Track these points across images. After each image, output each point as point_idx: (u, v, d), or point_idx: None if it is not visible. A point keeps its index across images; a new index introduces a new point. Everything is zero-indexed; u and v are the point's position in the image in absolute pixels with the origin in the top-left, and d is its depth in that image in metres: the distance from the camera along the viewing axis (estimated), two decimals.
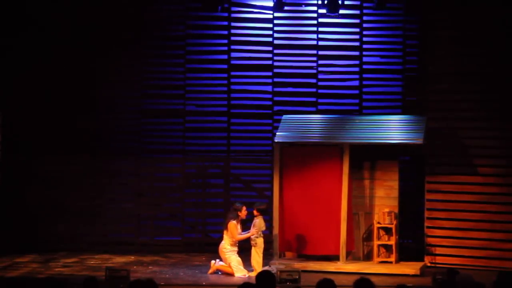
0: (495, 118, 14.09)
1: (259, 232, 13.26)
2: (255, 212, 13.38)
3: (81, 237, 15.88)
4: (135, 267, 13.88)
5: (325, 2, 15.36)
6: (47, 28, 15.87)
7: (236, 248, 13.46)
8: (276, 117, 15.77)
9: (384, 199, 14.06)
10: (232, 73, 16.22)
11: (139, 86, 16.22)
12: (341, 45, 16.00)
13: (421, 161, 14.57)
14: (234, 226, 13.37)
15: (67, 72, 15.90)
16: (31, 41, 15.86)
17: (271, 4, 15.80)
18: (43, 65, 15.86)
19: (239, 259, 13.39)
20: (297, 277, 11.12)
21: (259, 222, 13.30)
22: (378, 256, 13.87)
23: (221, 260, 13.51)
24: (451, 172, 14.22)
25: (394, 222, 13.79)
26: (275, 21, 16.12)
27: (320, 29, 16.02)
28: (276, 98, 16.16)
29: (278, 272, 11.08)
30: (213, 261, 13.56)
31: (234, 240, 13.42)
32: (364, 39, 15.94)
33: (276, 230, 13.85)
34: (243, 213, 13.48)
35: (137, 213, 16.13)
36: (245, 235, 13.35)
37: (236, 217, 13.43)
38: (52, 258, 14.80)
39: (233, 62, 16.21)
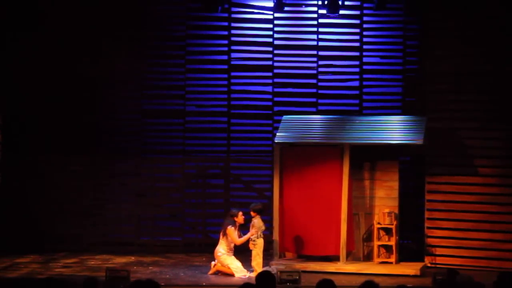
0: (495, 118, 14.08)
1: (259, 233, 13.25)
2: (252, 213, 13.37)
3: (81, 237, 15.88)
4: (135, 267, 13.88)
5: (325, 2, 15.37)
6: (47, 28, 15.87)
7: (231, 252, 13.45)
8: (276, 118, 15.77)
9: (384, 199, 14.06)
10: (232, 74, 16.22)
11: (139, 86, 16.22)
12: (341, 45, 16.00)
13: (421, 161, 14.57)
14: (232, 231, 13.37)
15: (67, 72, 15.90)
16: (31, 41, 15.86)
17: (271, 4, 15.80)
18: (43, 65, 15.86)
19: (236, 260, 13.38)
20: (297, 277, 11.12)
21: (257, 222, 13.29)
22: (378, 256, 13.87)
23: None
24: (451, 173, 14.22)
25: (394, 223, 13.80)
26: (275, 22, 16.12)
27: (320, 29, 16.03)
28: (276, 99, 16.17)
29: (278, 273, 11.08)
30: (213, 262, 13.56)
31: (232, 245, 13.42)
32: (364, 39, 15.94)
33: (276, 231, 13.84)
34: (240, 218, 13.46)
35: (137, 213, 16.13)
36: (245, 237, 13.34)
37: (233, 222, 13.42)
38: (52, 259, 14.80)
39: (233, 62, 16.21)
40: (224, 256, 13.36)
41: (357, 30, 15.95)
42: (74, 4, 15.85)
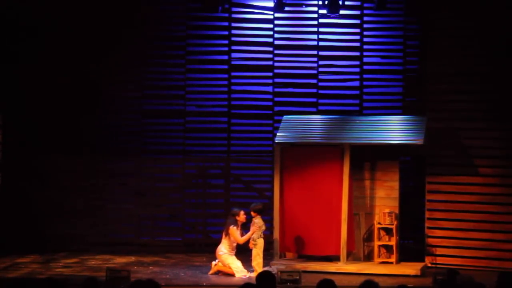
0: (495, 118, 14.08)
1: (260, 233, 13.25)
2: (252, 214, 13.37)
3: (81, 237, 15.88)
4: (135, 267, 13.88)
5: (326, 2, 15.38)
6: (47, 28, 15.87)
7: (233, 252, 13.46)
8: (276, 118, 15.77)
9: (385, 199, 14.06)
10: (233, 74, 16.22)
11: (140, 86, 16.22)
12: (342, 45, 16.01)
13: (422, 161, 14.58)
14: (234, 230, 13.38)
15: (68, 72, 15.90)
16: (32, 41, 15.86)
17: (271, 4, 15.80)
18: (43, 65, 15.86)
19: (237, 260, 13.39)
20: (298, 277, 11.12)
21: (258, 222, 13.30)
22: (379, 256, 13.87)
23: None
24: (451, 173, 14.22)
25: (395, 223, 13.80)
26: (276, 22, 16.12)
27: (321, 29, 16.03)
28: (276, 99, 16.17)
29: (279, 273, 11.08)
30: (214, 262, 13.57)
31: (234, 244, 13.43)
32: (365, 39, 15.94)
33: (276, 231, 13.84)
34: (242, 217, 13.47)
35: (137, 213, 16.13)
36: (247, 236, 13.33)
37: (235, 222, 13.43)
38: (52, 259, 14.80)
39: (233, 62, 16.21)
40: (225, 255, 13.37)
41: (358, 30, 15.95)
42: (75, 4, 15.84)
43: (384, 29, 15.99)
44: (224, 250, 13.40)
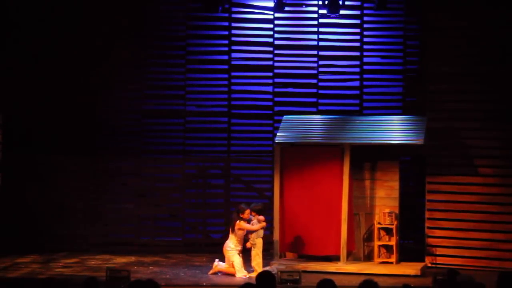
0: (495, 118, 14.08)
1: (259, 233, 13.26)
2: (252, 214, 13.37)
3: (81, 237, 15.88)
4: (135, 267, 13.87)
5: (326, 2, 15.39)
6: (47, 28, 15.87)
7: (239, 248, 13.44)
8: (276, 118, 15.78)
9: (385, 199, 14.06)
10: (233, 74, 16.23)
11: (140, 86, 16.23)
12: (342, 45, 16.01)
13: (422, 161, 14.58)
14: (243, 223, 13.32)
15: (67, 72, 15.90)
16: (32, 41, 15.85)
17: (271, 4, 15.82)
18: (43, 65, 15.86)
19: (241, 259, 13.39)
20: (298, 277, 11.11)
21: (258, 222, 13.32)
22: (379, 256, 13.87)
23: (223, 260, 13.49)
24: (451, 173, 14.22)
25: (395, 223, 13.80)
26: (276, 22, 16.13)
27: (321, 29, 16.04)
28: (276, 99, 16.17)
29: (279, 273, 11.08)
30: (215, 262, 13.53)
31: (242, 239, 13.38)
32: (365, 39, 15.96)
33: (276, 231, 13.84)
34: (246, 215, 13.45)
35: (137, 213, 16.13)
36: (259, 224, 13.26)
37: (240, 219, 13.41)
38: (52, 259, 14.80)
39: (233, 62, 16.22)
40: (232, 251, 13.34)
41: (358, 30, 15.96)
42: (75, 4, 15.84)
43: (384, 29, 16.01)
44: (232, 246, 13.38)
